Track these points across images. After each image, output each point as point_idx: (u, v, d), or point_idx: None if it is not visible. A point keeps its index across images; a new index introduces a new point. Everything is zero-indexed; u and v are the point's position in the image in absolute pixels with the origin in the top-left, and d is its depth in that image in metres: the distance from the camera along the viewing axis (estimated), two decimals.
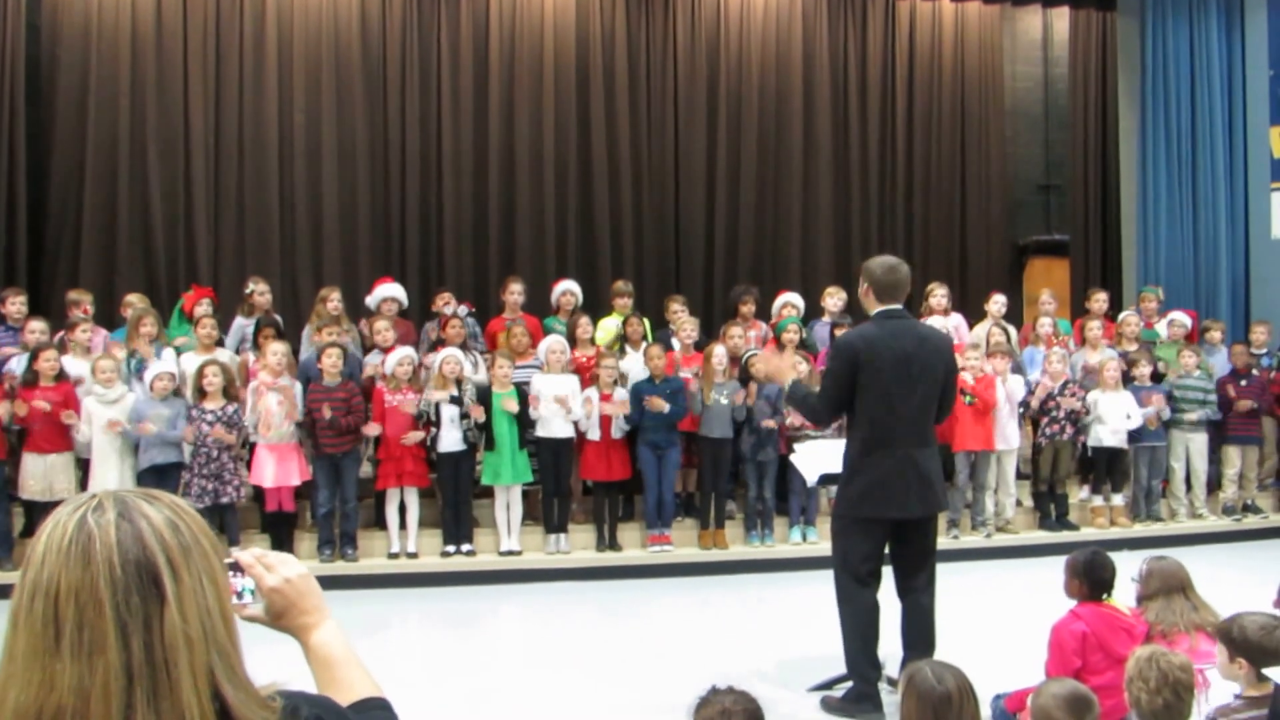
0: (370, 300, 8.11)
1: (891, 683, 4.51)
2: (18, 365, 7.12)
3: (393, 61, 10.01)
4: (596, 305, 8.92)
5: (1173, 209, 10.59)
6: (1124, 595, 4.02)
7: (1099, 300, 8.97)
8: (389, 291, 8.03)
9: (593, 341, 8.06)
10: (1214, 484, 8.68)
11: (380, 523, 7.49)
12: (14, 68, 9.13)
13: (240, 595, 1.42)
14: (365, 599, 6.77)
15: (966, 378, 7.51)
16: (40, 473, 6.86)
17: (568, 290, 8.48)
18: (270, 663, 1.27)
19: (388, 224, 10.04)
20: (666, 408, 7.29)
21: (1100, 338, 8.53)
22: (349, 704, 1.39)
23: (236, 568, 1.42)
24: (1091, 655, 3.70)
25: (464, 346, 7.70)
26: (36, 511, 6.98)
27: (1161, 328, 9.13)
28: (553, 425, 7.37)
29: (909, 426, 4.45)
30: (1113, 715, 3.68)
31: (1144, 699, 2.78)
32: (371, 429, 7.19)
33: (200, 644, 1.10)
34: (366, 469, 7.63)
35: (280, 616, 1.44)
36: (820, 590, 5.19)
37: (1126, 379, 8.23)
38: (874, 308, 4.61)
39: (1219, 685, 3.18)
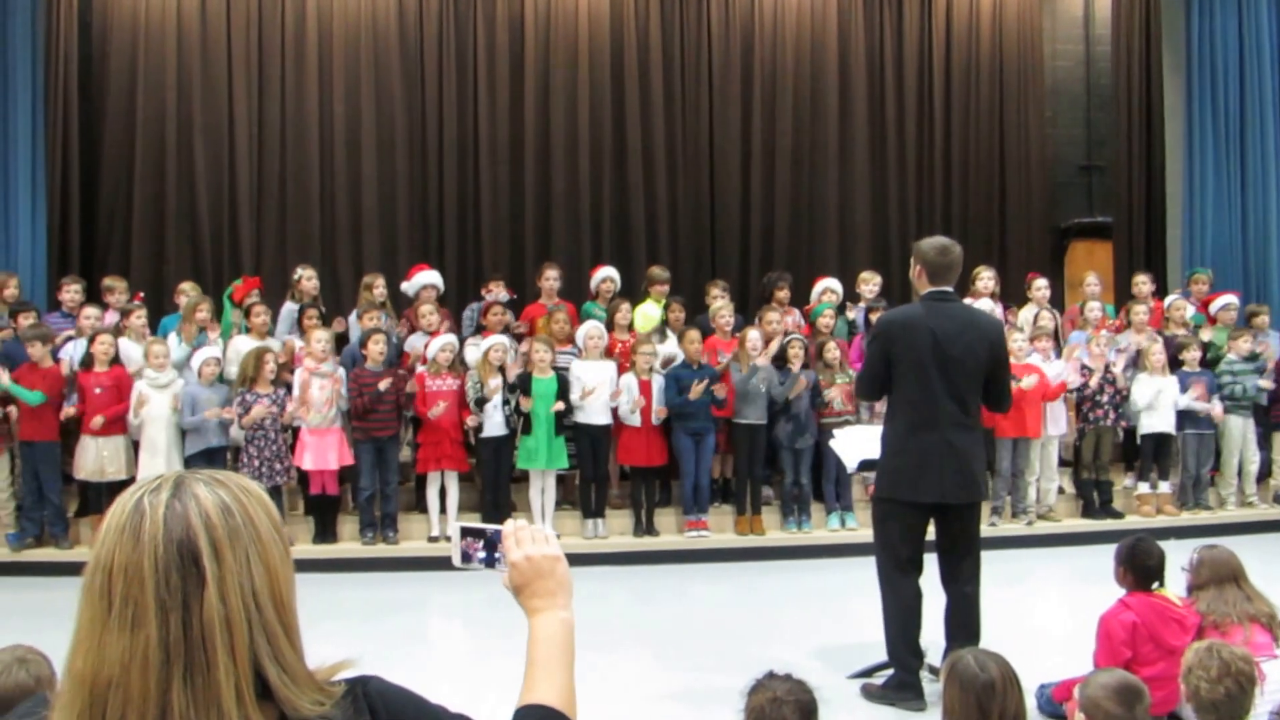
0: (408, 287, 8.16)
1: (933, 671, 4.48)
2: (74, 350, 7.31)
3: (430, 51, 10.09)
4: (632, 291, 8.92)
5: (1220, 189, 10.34)
6: (1176, 585, 3.97)
7: (1143, 283, 8.82)
8: (428, 279, 8.07)
9: (630, 327, 8.06)
10: (1264, 471, 8.51)
11: (421, 506, 7.59)
12: (67, 65, 9.45)
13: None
14: (406, 581, 6.87)
15: (1011, 361, 7.44)
16: (95, 455, 7.04)
17: (608, 277, 8.48)
18: None
19: (426, 212, 10.14)
20: (702, 390, 7.26)
21: (1146, 322, 8.38)
22: (522, 704, 1.38)
23: (499, 535, 1.49)
24: (1142, 646, 3.65)
25: (505, 332, 7.74)
26: (91, 493, 7.21)
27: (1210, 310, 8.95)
28: (591, 411, 7.39)
29: (948, 409, 4.37)
30: (1163, 707, 3.64)
31: (1204, 688, 2.73)
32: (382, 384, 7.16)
33: (241, 627, 1.10)
34: (406, 453, 7.71)
35: (517, 592, 1.48)
36: (859, 577, 5.18)
37: (1175, 364, 8.10)
38: (925, 289, 4.54)
39: (1276, 678, 3.13)
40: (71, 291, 7.91)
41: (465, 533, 1.53)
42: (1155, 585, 3.82)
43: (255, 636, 1.11)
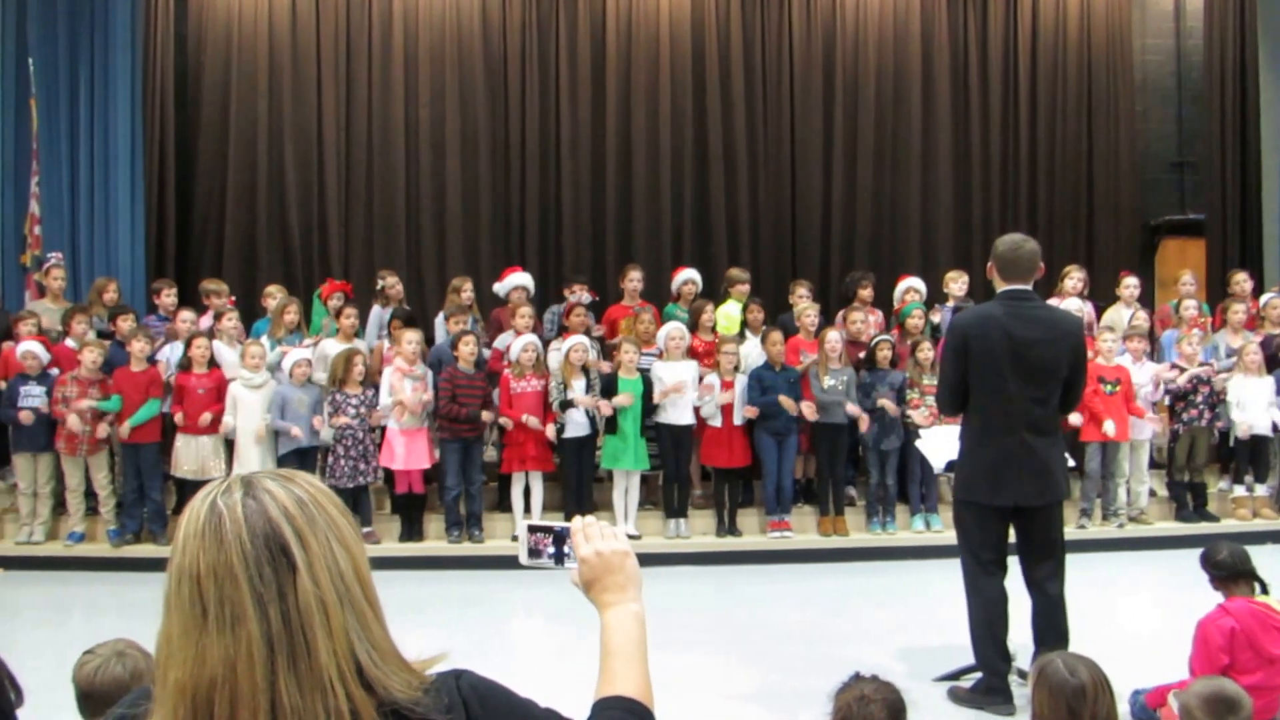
0: (499, 288, 8.30)
1: (1022, 675, 4.43)
2: (171, 353, 7.60)
3: (513, 57, 10.30)
4: (714, 293, 8.96)
5: None
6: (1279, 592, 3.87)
7: (1241, 282, 8.56)
8: (519, 280, 8.21)
9: (714, 329, 8.08)
10: None
11: (505, 505, 7.72)
12: (164, 77, 9.91)
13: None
14: (490, 579, 7.00)
15: (1100, 362, 7.30)
16: (192, 454, 7.32)
17: (689, 279, 8.52)
18: None
19: (509, 215, 10.34)
20: (797, 410, 7.28)
21: (1242, 321, 8.13)
22: (601, 696, 1.39)
23: (568, 532, 1.51)
24: (1240, 653, 3.57)
25: (586, 333, 7.83)
26: (188, 490, 7.46)
27: None
28: (674, 411, 7.44)
29: (1026, 412, 4.32)
30: (1262, 716, 3.56)
31: None
32: (486, 415, 7.37)
33: (335, 607, 1.13)
34: (491, 453, 7.85)
35: (588, 587, 1.49)
36: (944, 578, 5.14)
37: (1273, 364, 7.84)
38: (1000, 286, 4.49)
39: None
40: (167, 295, 8.22)
41: (533, 530, 1.54)
42: (1261, 591, 3.73)
43: (347, 614, 1.15)
